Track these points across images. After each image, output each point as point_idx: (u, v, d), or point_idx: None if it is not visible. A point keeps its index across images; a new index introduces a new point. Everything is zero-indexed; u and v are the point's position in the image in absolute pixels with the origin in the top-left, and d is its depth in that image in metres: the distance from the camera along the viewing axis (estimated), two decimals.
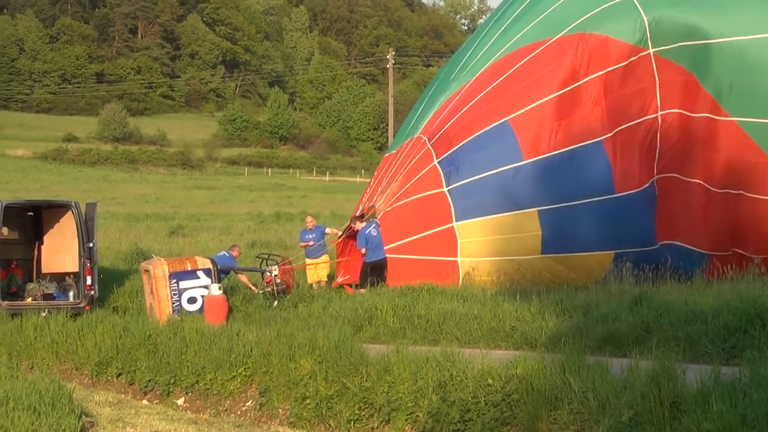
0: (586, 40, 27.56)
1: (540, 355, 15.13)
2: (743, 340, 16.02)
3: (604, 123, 26.92)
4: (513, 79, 27.76)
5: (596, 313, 19.69)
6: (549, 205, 26.81)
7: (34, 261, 30.94)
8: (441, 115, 28.41)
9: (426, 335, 20.93)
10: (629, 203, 26.32)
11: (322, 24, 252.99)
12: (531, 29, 28.55)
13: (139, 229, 53.01)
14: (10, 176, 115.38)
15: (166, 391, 21.14)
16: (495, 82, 27.94)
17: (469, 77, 28.78)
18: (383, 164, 30.55)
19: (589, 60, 27.37)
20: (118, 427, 17.10)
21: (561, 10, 28.43)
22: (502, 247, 26.55)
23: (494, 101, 27.63)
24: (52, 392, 16.97)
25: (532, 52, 27.98)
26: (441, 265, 26.57)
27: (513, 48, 28.46)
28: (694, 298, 19.70)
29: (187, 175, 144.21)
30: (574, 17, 27.99)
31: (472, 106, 27.80)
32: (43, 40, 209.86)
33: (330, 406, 17.54)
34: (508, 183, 27.02)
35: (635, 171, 26.79)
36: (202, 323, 23.81)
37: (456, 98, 28.47)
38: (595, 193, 26.62)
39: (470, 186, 27.12)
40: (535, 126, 27.17)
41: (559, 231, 26.55)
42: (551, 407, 13.61)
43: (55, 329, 24.93)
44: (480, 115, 27.59)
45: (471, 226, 26.98)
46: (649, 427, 11.80)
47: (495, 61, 28.45)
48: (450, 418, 15.01)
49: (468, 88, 28.40)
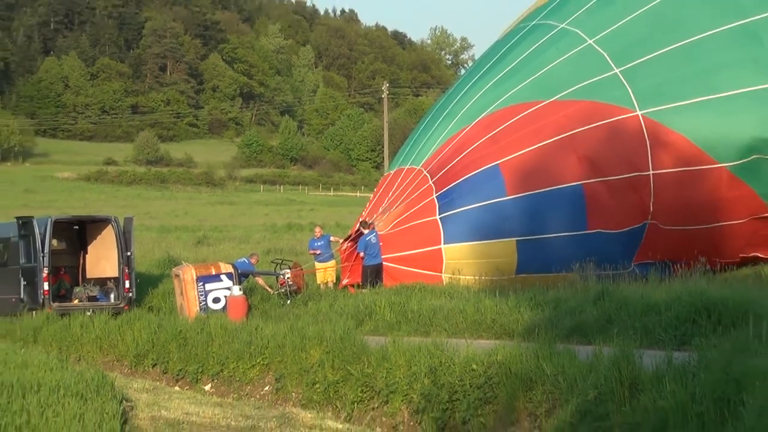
0: (577, 105, 27.60)
1: (517, 344, 15.12)
2: (692, 328, 16.02)
3: (586, 172, 26.95)
4: (507, 130, 27.77)
5: (565, 307, 19.69)
6: (526, 236, 26.94)
7: (79, 268, 30.98)
8: (442, 153, 28.39)
9: (418, 327, 20.92)
10: (601, 239, 26.31)
11: (325, 60, 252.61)
12: (526, 87, 28.53)
13: (169, 239, 52.95)
14: (58, 195, 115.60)
15: (194, 379, 21.13)
16: (491, 132, 27.93)
17: (468, 122, 28.66)
18: (383, 182, 30.64)
19: (577, 120, 27.36)
20: (154, 410, 17.09)
21: (555, 73, 28.41)
22: (481, 268, 26.58)
23: (490, 149, 27.64)
24: (97, 381, 17.01)
25: (526, 110, 27.97)
26: (428, 278, 26.67)
27: (509, 102, 28.43)
28: (649, 293, 19.67)
29: (211, 193, 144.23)
30: (567, 84, 28.00)
31: (470, 151, 27.83)
32: (85, 78, 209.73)
33: (336, 390, 17.54)
34: (492, 215, 27.09)
35: (614, 213, 26.83)
36: (225, 320, 23.79)
37: (455, 140, 28.42)
38: (569, 229, 26.69)
39: (459, 215, 27.26)
40: (521, 169, 27.18)
41: (534, 258, 26.60)
42: (527, 388, 13.60)
43: (99, 326, 24.99)
44: (476, 158, 27.63)
45: (456, 249, 27.12)
46: (611, 405, 11.80)
47: (492, 113, 28.38)
48: (440, 398, 15.00)
49: (467, 133, 28.36)
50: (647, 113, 27.04)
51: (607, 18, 29.00)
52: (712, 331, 15.40)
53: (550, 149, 27.26)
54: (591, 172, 26.94)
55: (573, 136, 27.25)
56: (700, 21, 28.10)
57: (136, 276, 29.70)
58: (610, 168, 26.92)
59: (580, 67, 28.30)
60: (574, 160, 27.05)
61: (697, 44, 27.80)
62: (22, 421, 13.32)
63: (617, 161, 26.95)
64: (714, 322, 16.04)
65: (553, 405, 13.03)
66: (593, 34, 28.73)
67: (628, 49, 28.11)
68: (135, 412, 16.59)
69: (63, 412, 14.15)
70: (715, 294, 17.44)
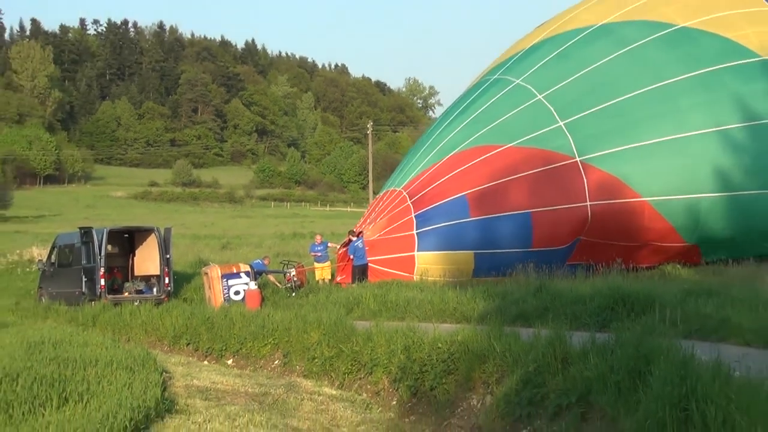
0: (529, 151, 27.60)
1: (473, 327, 15.10)
2: (611, 315, 16.02)
3: (535, 202, 26.99)
4: (473, 168, 27.77)
5: (511, 298, 19.67)
6: (482, 250, 26.95)
7: (129, 267, 31.00)
8: (419, 180, 28.37)
9: (396, 314, 20.87)
10: (543, 253, 26.28)
11: (323, 104, 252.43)
12: (488, 132, 28.51)
13: (200, 245, 52.77)
14: (113, 210, 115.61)
15: (220, 355, 21.05)
16: (460, 168, 27.89)
17: (441, 157, 28.62)
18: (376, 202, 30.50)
19: (529, 164, 27.39)
20: (187, 380, 17.03)
21: (512, 122, 28.40)
22: (445, 271, 26.62)
23: (459, 180, 27.64)
24: (142, 357, 16.95)
25: (488, 152, 27.95)
26: (403, 277, 26.74)
27: (474, 144, 28.40)
28: (577, 287, 19.69)
29: (232, 208, 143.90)
30: (521, 133, 27.98)
31: (443, 182, 27.81)
32: (134, 117, 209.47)
33: (331, 364, 17.49)
34: (456, 232, 27.11)
35: (555, 235, 26.89)
36: (243, 308, 23.83)
37: (431, 171, 28.36)
38: (518, 246, 26.69)
39: (431, 231, 27.25)
40: (482, 198, 27.17)
41: (487, 265, 26.53)
42: (481, 362, 13.58)
43: (144, 314, 24.91)
44: (447, 189, 27.62)
45: (426, 256, 27.16)
46: (547, 375, 11.79)
47: (461, 151, 28.35)
48: (413, 370, 14.97)
49: (439, 167, 28.29)
50: (585, 159, 27.14)
51: (555, 76, 29.07)
52: (627, 316, 15.41)
53: (507, 184, 27.29)
54: (538, 203, 26.99)
55: (526, 176, 27.29)
56: (630, 83, 28.25)
57: (174, 274, 29.71)
58: (554, 200, 26.96)
59: (531, 118, 28.32)
60: (526, 193, 27.08)
61: (627, 102, 27.94)
62: (83, 389, 13.28)
63: (559, 195, 26.97)
64: (628, 310, 16.06)
65: (502, 375, 13.02)
66: (543, 90, 28.80)
67: (571, 105, 28.16)
68: (172, 381, 16.53)
69: (115, 381, 14.12)
70: (628, 288, 17.48)
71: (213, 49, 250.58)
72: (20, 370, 14.18)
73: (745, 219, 27.29)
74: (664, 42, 28.92)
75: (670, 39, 28.96)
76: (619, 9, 30.64)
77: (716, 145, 27.20)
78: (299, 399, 15.54)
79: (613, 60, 28.88)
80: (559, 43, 30.31)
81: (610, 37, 29.55)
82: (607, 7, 31.09)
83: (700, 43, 28.79)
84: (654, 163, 27.02)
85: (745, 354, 10.64)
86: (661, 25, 29.34)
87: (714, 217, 27.17)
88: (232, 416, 13.45)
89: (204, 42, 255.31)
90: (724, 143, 27.25)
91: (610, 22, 30.14)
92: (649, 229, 27.03)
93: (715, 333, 14.23)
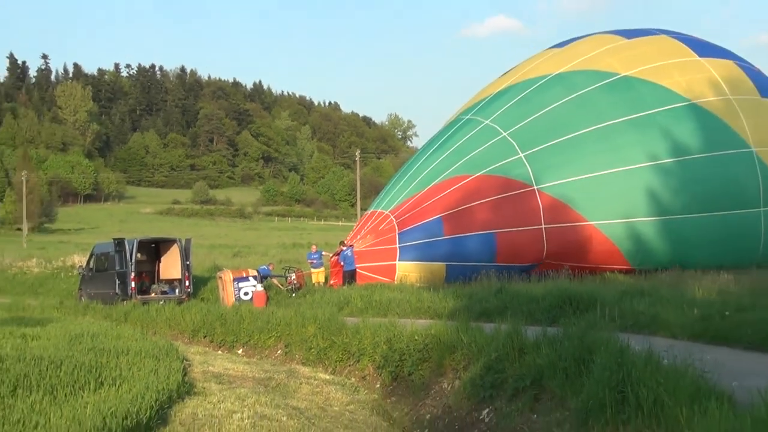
0: (495, 180, 27.61)
1: (444, 322, 15.10)
2: (559, 312, 16.05)
3: (499, 223, 26.99)
4: (449, 195, 27.74)
5: (476, 298, 19.68)
6: (453, 262, 26.92)
7: (155, 272, 30.83)
8: (404, 205, 28.23)
9: (379, 311, 20.83)
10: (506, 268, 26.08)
11: (318, 135, 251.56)
12: (462, 165, 28.42)
13: (215, 254, 52.58)
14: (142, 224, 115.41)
15: (231, 346, 20.99)
16: (438, 195, 27.84)
17: (423, 187, 28.54)
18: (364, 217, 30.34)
19: (495, 190, 27.41)
20: (204, 366, 16.94)
21: (481, 155, 28.35)
22: (420, 278, 26.50)
23: (437, 206, 27.59)
24: (166, 347, 16.94)
25: (461, 181, 27.91)
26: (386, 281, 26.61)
27: (450, 175, 28.30)
28: (532, 289, 19.73)
29: (243, 223, 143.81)
30: (488, 164, 27.97)
31: (423, 207, 27.75)
32: (160, 146, 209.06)
33: (325, 353, 17.46)
34: (432, 247, 27.10)
35: (516, 253, 26.84)
36: (252, 307, 23.77)
37: (414, 198, 28.26)
38: (483, 260, 26.60)
39: (411, 246, 27.25)
40: (455, 220, 27.16)
41: (457, 274, 26.43)
42: (451, 352, 13.57)
43: (168, 311, 24.85)
44: (426, 211, 27.60)
45: (405, 265, 27.12)
46: (506, 363, 11.78)
47: (439, 182, 28.28)
48: (393, 358, 14.96)
49: (421, 195, 28.17)
50: (541, 187, 27.20)
51: (518, 116, 29.09)
52: (573, 313, 15.43)
53: (477, 207, 27.32)
54: (501, 223, 27.03)
55: (493, 201, 27.34)
56: (579, 122, 28.29)
57: (193, 277, 29.61)
58: (515, 223, 26.99)
59: (497, 152, 28.31)
60: (491, 216, 27.13)
61: (576, 138, 27.98)
62: (116, 374, 13.23)
63: (520, 218, 27.00)
64: (574, 308, 16.10)
65: (468, 363, 13.01)
66: (507, 128, 28.85)
67: (531, 140, 28.18)
68: (191, 368, 16.44)
69: (144, 368, 14.10)
70: (574, 289, 17.54)
71: (226, 88, 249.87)
72: (63, 358, 14.15)
73: (679, 239, 27.31)
74: (608, 88, 29.04)
75: (612, 86, 29.09)
76: (572, 60, 30.75)
77: (650, 176, 27.31)
78: (298, 383, 15.50)
79: (565, 103, 28.96)
80: (521, 89, 30.35)
81: (563, 84, 29.62)
82: (561, 59, 31.22)
83: (638, 90, 28.88)
84: (597, 191, 27.09)
85: (672, 345, 10.65)
86: (605, 74, 29.47)
87: (652, 239, 27.23)
88: (242, 397, 13.41)
89: (219, 83, 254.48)
90: (657, 174, 27.38)
91: (564, 72, 30.24)
92: (598, 251, 27.05)
93: (647, 327, 14.29)
